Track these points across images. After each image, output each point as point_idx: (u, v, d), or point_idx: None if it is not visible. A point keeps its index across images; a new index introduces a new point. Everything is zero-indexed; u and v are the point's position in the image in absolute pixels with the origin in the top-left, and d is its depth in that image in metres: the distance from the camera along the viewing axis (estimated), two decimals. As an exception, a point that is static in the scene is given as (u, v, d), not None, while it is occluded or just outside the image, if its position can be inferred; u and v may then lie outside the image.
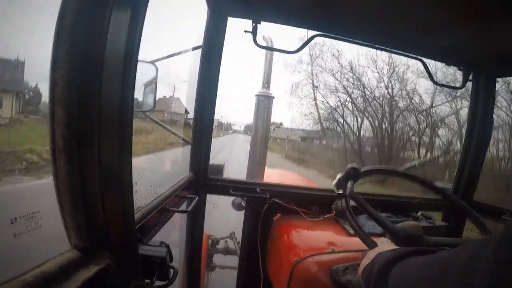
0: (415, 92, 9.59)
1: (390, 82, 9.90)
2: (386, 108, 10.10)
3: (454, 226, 1.32)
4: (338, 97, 10.60)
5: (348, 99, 10.50)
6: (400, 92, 9.88)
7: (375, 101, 10.18)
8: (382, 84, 10.00)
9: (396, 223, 0.81)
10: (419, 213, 1.21)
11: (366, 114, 10.29)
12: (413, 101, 9.70)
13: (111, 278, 0.41)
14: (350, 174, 0.84)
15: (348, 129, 10.61)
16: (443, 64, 1.39)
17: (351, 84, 10.35)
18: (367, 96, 10.25)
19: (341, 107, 10.63)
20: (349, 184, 0.84)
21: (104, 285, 0.40)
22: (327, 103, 10.82)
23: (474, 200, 1.38)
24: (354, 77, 10.21)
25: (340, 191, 0.83)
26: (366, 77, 10.22)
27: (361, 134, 10.38)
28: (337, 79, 10.43)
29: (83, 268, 0.37)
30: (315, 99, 10.86)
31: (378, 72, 9.93)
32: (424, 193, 1.40)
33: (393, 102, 9.95)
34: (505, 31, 0.95)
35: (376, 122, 10.27)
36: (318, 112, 10.99)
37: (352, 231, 0.86)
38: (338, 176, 0.87)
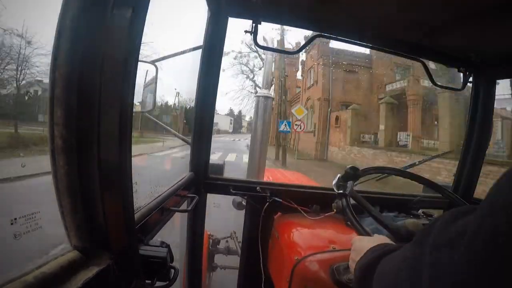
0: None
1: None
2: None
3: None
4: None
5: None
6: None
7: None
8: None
9: (397, 221, 0.81)
10: (419, 211, 1.21)
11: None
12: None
13: (112, 278, 0.41)
14: (349, 174, 0.84)
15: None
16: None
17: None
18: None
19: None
20: (348, 184, 0.84)
21: (105, 285, 0.40)
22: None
23: (474, 198, 1.39)
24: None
25: (340, 191, 0.84)
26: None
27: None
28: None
29: (83, 269, 0.37)
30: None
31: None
32: (424, 191, 1.40)
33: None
34: (505, 32, 0.95)
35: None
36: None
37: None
38: (338, 175, 0.88)
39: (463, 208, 0.30)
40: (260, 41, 1.09)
